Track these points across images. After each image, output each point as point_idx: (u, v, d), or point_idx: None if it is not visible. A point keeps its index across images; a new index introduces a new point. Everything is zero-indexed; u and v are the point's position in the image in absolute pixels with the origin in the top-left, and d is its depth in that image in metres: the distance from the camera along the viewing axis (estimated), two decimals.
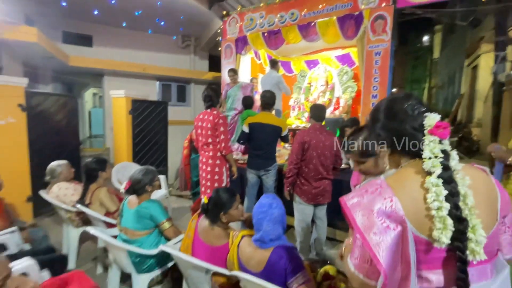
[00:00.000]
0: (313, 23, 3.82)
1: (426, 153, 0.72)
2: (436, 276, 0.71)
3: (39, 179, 2.95)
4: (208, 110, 2.68)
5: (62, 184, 2.50)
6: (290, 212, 2.91)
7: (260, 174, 2.86)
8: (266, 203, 1.29)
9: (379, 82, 3.46)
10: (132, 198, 1.95)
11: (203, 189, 2.78)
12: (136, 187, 1.87)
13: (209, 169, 2.71)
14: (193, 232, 1.58)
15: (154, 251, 1.79)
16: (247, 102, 3.59)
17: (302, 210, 2.53)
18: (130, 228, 1.87)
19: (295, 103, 5.43)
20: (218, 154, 2.69)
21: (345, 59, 5.05)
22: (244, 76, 4.93)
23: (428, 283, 0.72)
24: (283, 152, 3.55)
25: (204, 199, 1.57)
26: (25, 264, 1.58)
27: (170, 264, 1.97)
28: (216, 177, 2.71)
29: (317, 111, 2.45)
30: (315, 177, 2.41)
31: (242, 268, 1.28)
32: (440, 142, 0.71)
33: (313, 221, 2.64)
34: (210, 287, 1.55)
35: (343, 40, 3.76)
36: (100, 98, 9.88)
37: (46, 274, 1.69)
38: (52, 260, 1.89)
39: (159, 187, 2.08)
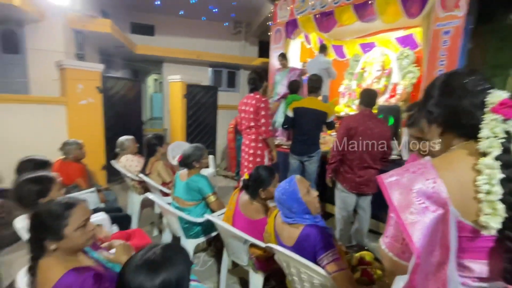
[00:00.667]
0: (370, 2, 3.52)
1: (484, 132, 0.64)
2: (479, 266, 0.67)
3: (111, 151, 3.47)
4: (251, 94, 2.72)
5: (128, 156, 2.90)
6: (331, 199, 2.89)
7: (302, 159, 2.86)
8: (284, 183, 1.33)
9: (445, 66, 3.05)
10: (184, 171, 2.18)
11: (245, 170, 2.91)
12: (186, 161, 2.07)
13: (251, 151, 2.80)
14: (234, 205, 1.71)
15: (200, 220, 1.99)
16: (293, 87, 3.55)
17: (344, 198, 2.47)
18: (181, 197, 2.10)
19: (346, 90, 5.16)
20: (260, 137, 2.75)
21: (406, 41, 4.54)
22: (293, 61, 4.85)
23: (469, 272, 0.69)
24: (328, 139, 3.46)
25: (245, 175, 1.67)
26: (100, 217, 1.93)
27: (213, 234, 2.17)
28: (258, 159, 2.79)
29: (367, 96, 2.31)
30: (360, 165, 2.31)
31: (278, 240, 1.35)
32: (504, 121, 0.63)
33: (355, 211, 2.56)
34: (248, 257, 1.68)
35: (405, 19, 3.39)
36: (160, 83, 10.84)
37: (115, 228, 2.04)
38: (120, 218, 2.25)
39: (207, 165, 2.26)
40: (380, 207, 2.57)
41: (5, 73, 4.14)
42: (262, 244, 1.47)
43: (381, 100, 4.39)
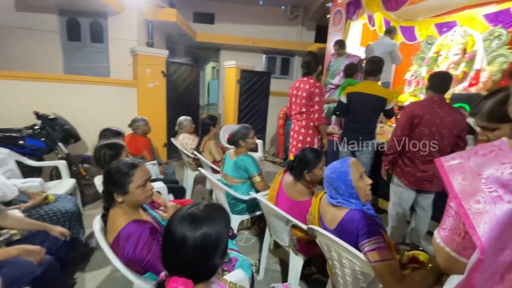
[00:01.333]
0: None
1: None
2: None
3: (172, 131, 3.82)
4: (305, 78, 2.61)
5: (185, 134, 3.16)
6: (385, 194, 2.66)
7: (354, 149, 2.68)
8: (337, 162, 1.26)
9: None
10: (232, 151, 2.28)
11: (291, 156, 2.88)
12: (233, 138, 2.16)
13: (300, 138, 2.73)
14: (278, 185, 1.72)
15: (245, 197, 2.06)
16: (350, 70, 3.30)
17: (400, 194, 2.25)
18: (229, 175, 2.21)
19: (413, 77, 4.58)
20: (311, 124, 2.65)
21: (499, 18, 3.76)
22: (353, 46, 4.50)
23: None
24: (387, 129, 3.16)
25: (291, 156, 1.66)
26: (159, 185, 2.16)
27: (258, 213, 2.24)
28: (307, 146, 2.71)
29: (438, 80, 2.01)
30: (424, 158, 2.06)
31: (322, 223, 1.32)
32: None
33: (413, 209, 2.32)
34: (289, 238, 1.69)
35: None
36: (217, 71, 11.34)
37: (171, 197, 2.27)
38: (176, 189, 2.49)
39: (253, 145, 2.30)
40: (444, 208, 2.28)
41: (92, 59, 4.87)
42: (304, 226, 1.46)
43: (458, 89, 3.79)
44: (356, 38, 4.57)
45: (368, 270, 1.08)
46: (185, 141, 3.11)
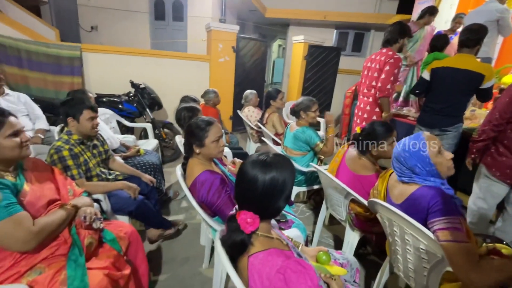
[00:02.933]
0: None
1: None
2: None
3: (237, 104, 4.04)
4: (383, 50, 2.37)
5: (250, 107, 3.31)
6: (465, 187, 2.33)
7: (433, 133, 2.37)
8: (409, 138, 1.15)
9: None
10: (293, 123, 2.31)
11: (358, 129, 2.73)
12: (295, 109, 2.18)
13: (365, 115, 2.55)
14: (340, 158, 1.70)
15: (305, 169, 2.10)
16: (437, 42, 2.82)
17: (487, 187, 1.94)
18: (289, 147, 2.27)
19: None
20: (379, 101, 2.42)
21: None
22: (447, 15, 3.81)
23: None
24: (479, 114, 2.67)
25: (357, 129, 1.59)
26: (226, 151, 2.37)
27: (315, 187, 2.26)
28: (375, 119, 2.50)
29: None
30: None
31: (388, 199, 1.27)
32: None
33: (501, 206, 1.99)
34: (346, 212, 1.68)
35: None
36: (283, 49, 11.17)
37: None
38: (240, 154, 2.69)
39: (315, 120, 2.27)
40: None
41: (173, 36, 5.40)
42: (364, 201, 1.43)
43: None
44: (452, 6, 3.85)
45: (434, 250, 1.01)
46: (250, 114, 3.27)
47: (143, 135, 3.38)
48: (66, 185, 1.31)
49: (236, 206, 0.86)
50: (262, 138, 3.03)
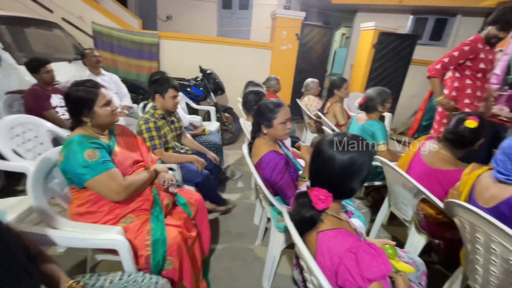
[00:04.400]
0: None
1: None
2: None
3: (296, 93, 4.00)
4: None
5: (310, 96, 3.25)
6: None
7: None
8: None
9: None
10: (361, 115, 2.18)
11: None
12: (368, 104, 2.04)
13: (446, 112, 2.28)
14: (414, 152, 1.56)
15: None
16: None
17: None
18: None
19: None
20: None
21: None
22: None
23: None
24: None
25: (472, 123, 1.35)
26: None
27: (376, 183, 2.13)
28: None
29: None
30: None
31: (472, 200, 1.13)
32: None
33: None
34: (413, 212, 1.55)
35: None
36: (347, 38, 10.49)
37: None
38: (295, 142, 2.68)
39: (389, 110, 2.11)
40: None
41: (237, 24, 5.56)
42: (439, 203, 1.29)
43: None
44: None
45: None
46: (310, 103, 3.21)
47: (206, 117, 3.63)
48: (147, 152, 1.52)
49: (307, 184, 0.88)
50: (322, 127, 2.97)
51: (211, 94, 3.66)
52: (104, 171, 1.14)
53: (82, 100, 1.18)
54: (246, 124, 2.05)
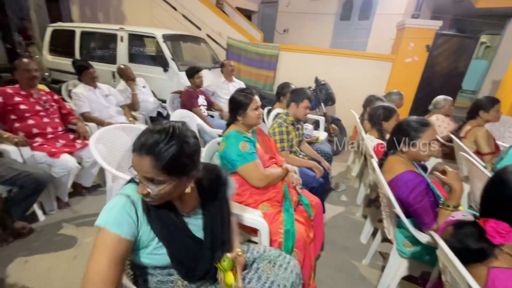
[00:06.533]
0: None
1: None
2: None
3: (416, 110, 3.58)
4: None
5: (440, 116, 2.84)
6: None
7: None
8: None
9: None
10: None
11: None
12: None
13: None
14: None
15: None
16: None
17: None
18: None
19: None
20: None
21: None
22: None
23: None
24: None
25: None
26: None
27: None
28: None
29: None
30: None
31: None
32: None
33: None
34: None
35: None
36: (486, 48, 8.59)
37: None
38: None
39: None
40: None
41: (354, 35, 5.43)
42: None
43: None
44: None
45: None
46: (438, 123, 2.81)
47: (314, 126, 3.72)
48: (277, 152, 1.72)
49: (465, 213, 0.82)
50: (450, 153, 2.56)
51: (322, 104, 3.73)
52: (251, 160, 1.39)
53: (240, 102, 1.47)
54: (367, 138, 2.01)
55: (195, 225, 0.89)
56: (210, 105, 3.33)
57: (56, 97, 2.25)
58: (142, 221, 0.79)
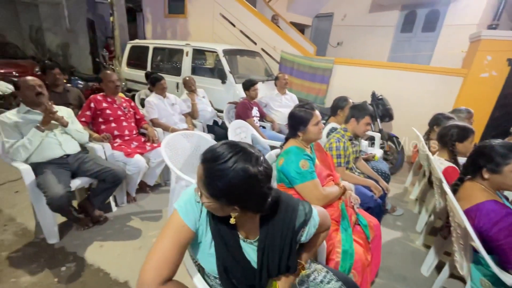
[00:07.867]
0: None
1: None
2: None
3: (490, 131, 3.15)
4: None
5: None
6: None
7: None
8: None
9: None
10: None
11: None
12: None
13: None
14: None
15: None
16: None
17: None
18: None
19: None
20: None
21: None
22: None
23: None
24: None
25: None
26: None
27: None
28: None
29: None
30: None
31: None
32: None
33: None
34: None
35: None
36: None
37: None
38: None
39: None
40: None
41: (416, 48, 5.08)
42: None
43: None
44: None
45: None
46: None
47: (369, 143, 3.54)
48: (334, 168, 1.68)
49: None
50: None
51: (378, 120, 3.54)
52: (311, 180, 1.38)
53: (301, 118, 1.48)
54: (437, 160, 1.84)
55: (248, 251, 0.87)
56: (263, 117, 3.43)
57: (133, 104, 2.59)
58: (204, 219, 0.83)
